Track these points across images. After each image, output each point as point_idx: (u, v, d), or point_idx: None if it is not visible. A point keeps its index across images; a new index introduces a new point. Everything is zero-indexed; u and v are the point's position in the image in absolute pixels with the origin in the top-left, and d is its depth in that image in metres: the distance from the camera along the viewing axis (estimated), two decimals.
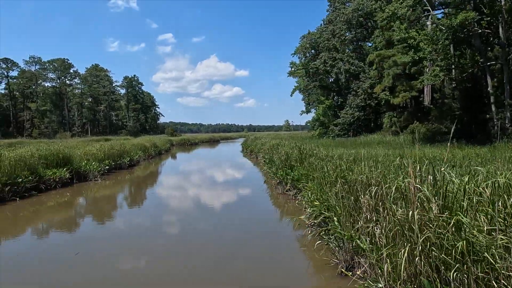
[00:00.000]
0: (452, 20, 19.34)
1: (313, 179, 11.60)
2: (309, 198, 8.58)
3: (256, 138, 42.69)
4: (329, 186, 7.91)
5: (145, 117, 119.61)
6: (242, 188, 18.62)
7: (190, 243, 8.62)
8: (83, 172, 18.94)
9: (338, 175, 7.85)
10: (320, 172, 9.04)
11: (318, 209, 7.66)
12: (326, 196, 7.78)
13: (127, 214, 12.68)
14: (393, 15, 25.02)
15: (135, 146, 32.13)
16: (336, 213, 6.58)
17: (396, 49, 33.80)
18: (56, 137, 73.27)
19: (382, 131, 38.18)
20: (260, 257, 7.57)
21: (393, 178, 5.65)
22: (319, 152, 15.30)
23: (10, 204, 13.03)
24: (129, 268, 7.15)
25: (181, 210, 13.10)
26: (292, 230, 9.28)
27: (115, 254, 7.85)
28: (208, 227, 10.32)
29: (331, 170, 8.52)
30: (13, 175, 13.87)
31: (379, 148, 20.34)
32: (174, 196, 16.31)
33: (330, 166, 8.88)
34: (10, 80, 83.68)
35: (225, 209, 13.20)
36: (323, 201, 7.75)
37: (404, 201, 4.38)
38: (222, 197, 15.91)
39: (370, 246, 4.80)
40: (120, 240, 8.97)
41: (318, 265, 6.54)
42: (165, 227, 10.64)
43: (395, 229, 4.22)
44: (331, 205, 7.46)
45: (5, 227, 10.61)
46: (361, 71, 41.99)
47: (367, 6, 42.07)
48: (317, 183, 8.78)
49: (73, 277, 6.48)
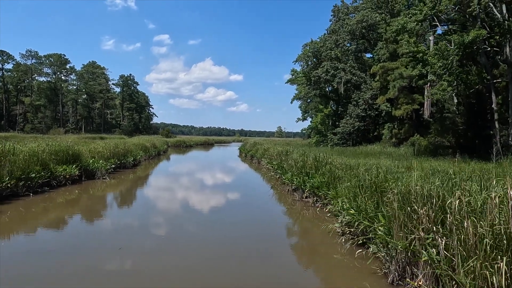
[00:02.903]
0: (464, 37, 19.71)
1: (335, 187, 11.69)
2: (341, 207, 8.61)
3: (255, 144, 42.69)
4: (366, 195, 7.95)
5: (139, 117, 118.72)
6: (252, 193, 18.58)
7: (218, 256, 8.56)
8: (91, 170, 18.72)
9: (377, 185, 7.92)
10: (354, 181, 9.08)
11: (356, 218, 7.70)
12: (365, 205, 7.82)
13: (142, 213, 12.52)
14: (402, 29, 25.40)
15: (136, 146, 31.87)
16: (383, 223, 6.62)
17: (400, 62, 34.27)
18: (50, 132, 72.24)
19: (382, 142, 38.51)
20: (305, 265, 7.59)
21: (449, 190, 5.71)
22: (333, 161, 15.40)
23: (24, 199, 12.81)
24: (158, 264, 7.07)
25: (196, 217, 12.92)
26: (324, 237, 9.30)
27: (135, 252, 7.77)
28: (233, 234, 10.26)
29: (366, 179, 8.57)
30: (27, 170, 13.68)
31: (384, 158, 20.57)
32: (186, 200, 16.19)
33: (363, 175, 8.93)
34: (4, 73, 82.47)
35: (242, 216, 13.13)
36: (361, 210, 7.79)
37: (480, 213, 4.46)
38: (235, 204, 15.86)
39: (437, 257, 4.84)
40: (137, 238, 8.88)
41: (364, 273, 6.57)
42: (182, 231, 10.56)
43: (474, 240, 4.28)
44: (370, 214, 7.52)
45: (23, 223, 10.43)
46: (362, 81, 42.42)
47: (371, 18, 42.64)
48: (350, 192, 8.81)
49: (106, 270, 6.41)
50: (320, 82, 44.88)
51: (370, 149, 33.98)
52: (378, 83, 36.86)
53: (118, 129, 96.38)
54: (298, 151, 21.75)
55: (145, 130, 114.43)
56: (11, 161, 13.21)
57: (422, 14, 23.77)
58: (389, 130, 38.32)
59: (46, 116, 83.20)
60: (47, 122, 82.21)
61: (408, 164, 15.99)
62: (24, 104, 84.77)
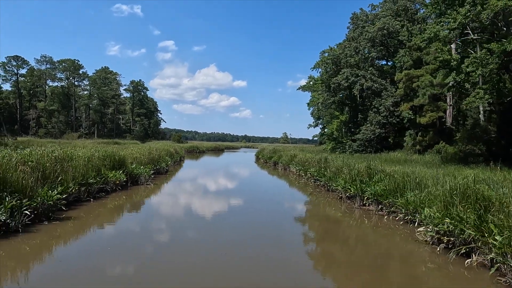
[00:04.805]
0: (505, 44, 19.76)
1: (402, 195, 11.70)
2: (433, 215, 8.60)
3: (276, 150, 42.78)
4: (466, 204, 7.96)
5: (148, 122, 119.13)
6: (295, 199, 18.58)
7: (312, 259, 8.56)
8: (135, 176, 18.80)
9: (476, 194, 7.94)
10: (442, 189, 9.07)
11: (458, 226, 7.70)
12: (464, 214, 7.82)
13: (199, 218, 12.53)
14: (435, 37, 25.48)
15: (161, 151, 31.96)
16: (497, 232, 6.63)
17: (425, 70, 34.33)
18: (63, 137, 72.65)
19: (404, 149, 38.44)
20: (412, 274, 7.60)
21: None
22: (385, 169, 15.42)
23: (86, 204, 12.87)
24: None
25: (253, 223, 12.94)
26: (409, 245, 9.30)
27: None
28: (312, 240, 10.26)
29: (457, 188, 8.58)
30: (86, 175, 13.77)
31: (418, 166, 20.54)
32: (236, 206, 16.19)
33: (451, 183, 8.95)
34: (19, 78, 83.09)
35: (305, 222, 13.14)
36: (461, 218, 7.78)
37: None
38: (289, 210, 15.85)
39: None
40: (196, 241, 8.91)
41: (485, 283, 6.57)
42: (236, 232, 10.57)
43: None
44: (471, 223, 7.53)
45: (105, 223, 10.50)
46: (383, 88, 42.49)
47: (392, 26, 42.82)
48: (440, 200, 8.81)
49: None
50: (340, 89, 44.97)
51: (393, 156, 33.87)
52: (402, 90, 36.89)
53: (129, 134, 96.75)
54: (335, 159, 21.79)
55: (154, 136, 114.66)
56: (72, 166, 13.31)
57: (456, 22, 23.88)
58: (411, 137, 38.24)
59: (60, 121, 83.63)
60: (61, 127, 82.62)
61: (447, 172, 16.03)
62: (36, 109, 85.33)
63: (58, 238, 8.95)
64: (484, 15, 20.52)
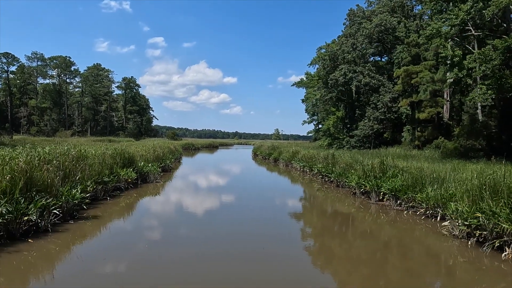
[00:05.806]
0: (509, 41, 20.07)
1: (422, 190, 11.85)
2: (463, 209, 8.74)
3: (275, 147, 42.89)
4: (500, 198, 8.10)
5: (141, 119, 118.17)
6: (304, 195, 18.69)
7: None
8: (144, 173, 18.69)
9: (508, 188, 8.09)
10: (469, 184, 9.22)
11: (492, 220, 7.84)
12: (497, 208, 7.97)
13: (218, 213, 12.53)
14: (437, 33, 25.74)
15: (165, 149, 31.81)
16: None
17: (424, 66, 34.64)
18: (56, 135, 71.68)
19: (402, 144, 38.82)
20: (448, 269, 7.72)
21: None
22: (397, 164, 15.59)
23: (103, 203, 12.77)
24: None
25: (267, 223, 12.90)
26: (434, 239, 9.44)
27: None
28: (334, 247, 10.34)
29: (486, 182, 8.73)
30: (101, 174, 13.66)
31: (420, 162, 20.75)
32: (243, 202, 16.20)
33: (473, 179, 9.11)
34: (9, 75, 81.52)
35: (321, 219, 13.24)
36: (494, 213, 7.93)
37: None
38: (301, 206, 15.93)
39: None
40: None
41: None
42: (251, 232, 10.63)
43: None
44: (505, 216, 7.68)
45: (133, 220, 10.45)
46: (380, 85, 42.77)
47: (389, 22, 43.07)
48: (469, 195, 8.95)
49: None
50: (338, 85, 45.17)
51: (393, 152, 34.21)
52: (400, 86, 37.20)
53: (122, 132, 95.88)
54: (342, 155, 21.95)
55: (146, 133, 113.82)
56: (88, 165, 13.18)
57: (458, 19, 24.15)
58: (409, 133, 38.63)
59: (52, 118, 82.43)
60: (53, 124, 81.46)
61: (452, 167, 16.26)
62: (27, 107, 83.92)
63: (91, 237, 8.97)
64: (489, 11, 20.75)
